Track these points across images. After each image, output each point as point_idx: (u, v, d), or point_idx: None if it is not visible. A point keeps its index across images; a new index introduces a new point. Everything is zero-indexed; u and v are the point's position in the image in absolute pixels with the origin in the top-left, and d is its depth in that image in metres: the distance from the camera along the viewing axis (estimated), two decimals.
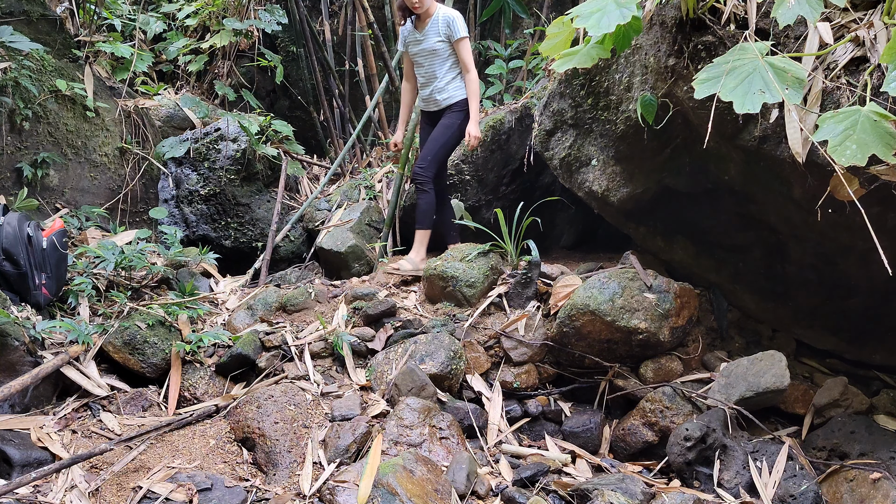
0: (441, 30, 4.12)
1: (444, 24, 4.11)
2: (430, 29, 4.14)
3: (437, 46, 4.14)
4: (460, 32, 4.12)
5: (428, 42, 4.16)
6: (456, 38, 4.12)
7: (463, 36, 4.13)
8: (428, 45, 4.16)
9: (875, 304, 3.47)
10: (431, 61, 4.19)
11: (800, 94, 2.24)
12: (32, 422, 2.99)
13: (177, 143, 5.12)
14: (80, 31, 5.22)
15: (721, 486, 2.96)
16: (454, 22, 4.11)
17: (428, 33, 4.15)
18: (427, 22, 4.15)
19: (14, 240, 3.35)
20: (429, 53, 4.17)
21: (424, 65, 4.23)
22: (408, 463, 2.69)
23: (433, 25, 4.13)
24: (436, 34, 4.13)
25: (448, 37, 4.13)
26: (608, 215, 4.05)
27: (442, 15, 4.12)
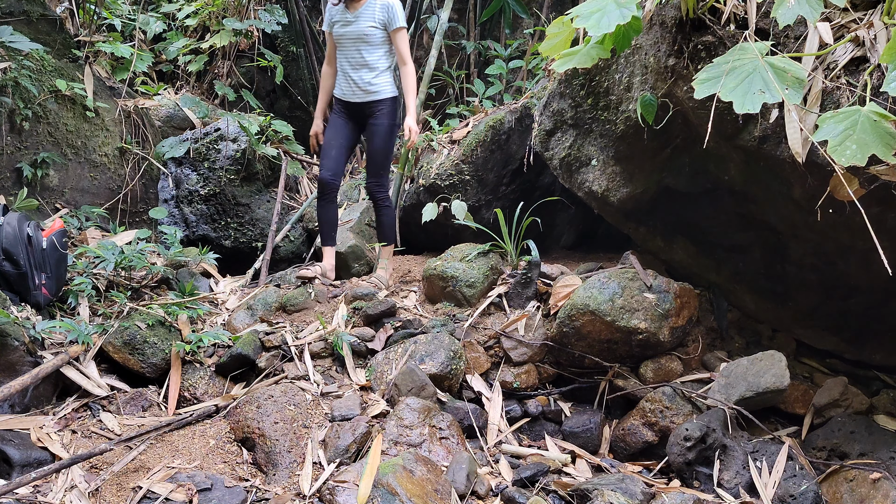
0: (377, 15, 3.85)
1: (382, 9, 3.85)
2: (363, 11, 3.86)
3: (368, 31, 3.86)
4: (399, 21, 3.87)
5: (359, 25, 3.87)
6: (395, 26, 3.87)
7: (402, 25, 3.89)
8: (359, 28, 3.87)
9: (875, 304, 3.47)
10: (359, 47, 3.91)
11: (800, 94, 2.24)
12: (32, 422, 2.99)
13: (177, 143, 5.12)
14: (80, 31, 5.22)
15: (721, 486, 2.96)
16: (393, 8, 3.86)
17: (360, 16, 3.87)
18: (361, 3, 3.87)
19: (14, 240, 3.35)
20: (357, 38, 3.89)
21: (351, 49, 3.93)
22: (408, 463, 2.69)
23: (368, 8, 3.86)
24: (370, 18, 3.86)
25: (384, 24, 3.87)
26: (608, 215, 4.05)
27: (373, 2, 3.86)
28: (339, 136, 4.00)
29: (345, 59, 3.96)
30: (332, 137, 4.01)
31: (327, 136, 4.01)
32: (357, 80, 3.94)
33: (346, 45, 3.93)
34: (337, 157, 3.96)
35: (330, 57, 4.11)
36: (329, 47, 4.10)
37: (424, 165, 4.84)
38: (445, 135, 5.00)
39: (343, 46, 3.95)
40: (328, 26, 4.02)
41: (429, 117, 5.60)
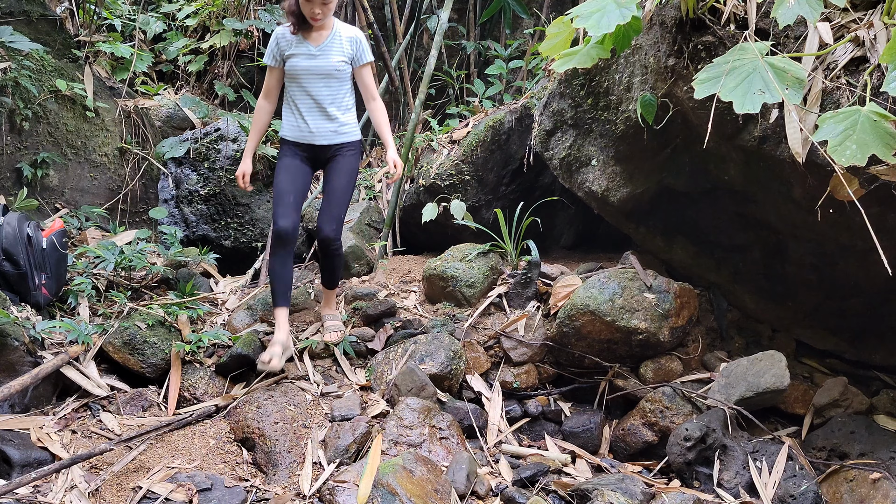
0: (346, 48, 3.47)
1: (351, 42, 3.48)
2: (329, 45, 3.44)
3: (339, 67, 3.44)
4: (368, 55, 3.54)
5: (327, 59, 3.42)
6: (364, 61, 3.52)
7: (371, 60, 3.58)
8: (327, 62, 3.42)
9: (875, 304, 3.47)
10: (328, 83, 3.46)
11: (800, 94, 2.24)
12: (32, 422, 2.99)
13: (177, 143, 5.12)
14: (80, 31, 5.22)
15: (721, 486, 2.97)
16: (361, 42, 3.52)
17: (327, 50, 3.43)
18: (324, 36, 3.45)
19: (14, 240, 3.35)
20: (326, 74, 3.44)
21: (317, 86, 3.46)
22: (408, 463, 2.69)
23: (334, 42, 3.45)
24: (339, 53, 3.44)
25: (352, 58, 3.50)
26: (608, 215, 4.05)
27: (346, 33, 3.49)
28: (296, 180, 3.49)
29: (306, 97, 3.48)
30: (288, 182, 3.46)
31: (282, 181, 3.46)
32: (323, 121, 3.50)
33: (310, 81, 3.46)
34: (295, 204, 3.43)
35: (270, 92, 3.58)
36: (272, 82, 3.56)
37: (424, 165, 4.84)
38: (445, 135, 5.00)
39: (304, 83, 3.46)
40: (277, 59, 3.49)
41: (429, 117, 5.60)
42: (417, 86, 5.40)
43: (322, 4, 3.27)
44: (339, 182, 3.53)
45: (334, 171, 3.55)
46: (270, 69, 3.53)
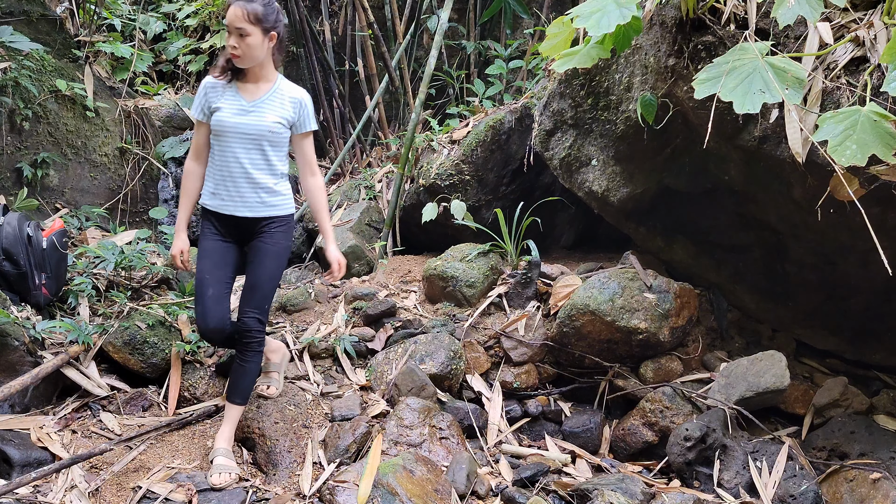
0: (286, 111, 2.90)
1: (294, 105, 2.92)
2: (267, 101, 2.87)
3: (274, 129, 2.86)
4: (313, 123, 2.99)
5: (262, 117, 2.84)
6: (307, 129, 2.97)
7: (315, 128, 3.02)
8: (262, 121, 2.84)
9: (875, 304, 3.47)
10: (261, 146, 2.87)
11: (800, 94, 2.24)
12: (32, 422, 2.99)
13: (177, 143, 5.12)
14: (80, 31, 5.22)
15: (721, 486, 2.96)
16: (306, 107, 2.95)
17: (263, 106, 2.86)
18: (262, 89, 2.88)
19: (14, 240, 3.35)
20: (259, 134, 2.84)
21: (247, 147, 2.86)
22: (408, 463, 2.69)
23: (275, 98, 2.89)
24: (277, 113, 2.87)
25: (291, 123, 2.93)
26: (608, 215, 4.05)
27: (290, 92, 2.93)
28: (218, 268, 2.91)
29: (232, 160, 2.86)
30: (208, 271, 2.89)
31: (201, 270, 2.90)
32: (251, 189, 2.89)
33: (240, 141, 2.85)
34: (220, 296, 2.88)
35: (200, 151, 2.97)
36: (201, 139, 2.95)
37: (424, 165, 4.84)
38: (445, 135, 5.00)
39: (233, 142, 2.85)
40: (204, 112, 2.90)
41: (429, 117, 5.60)
42: (417, 86, 5.39)
43: (238, 37, 2.71)
44: (265, 271, 2.92)
45: (260, 255, 2.93)
46: (199, 124, 2.94)
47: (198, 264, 2.93)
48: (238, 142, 2.85)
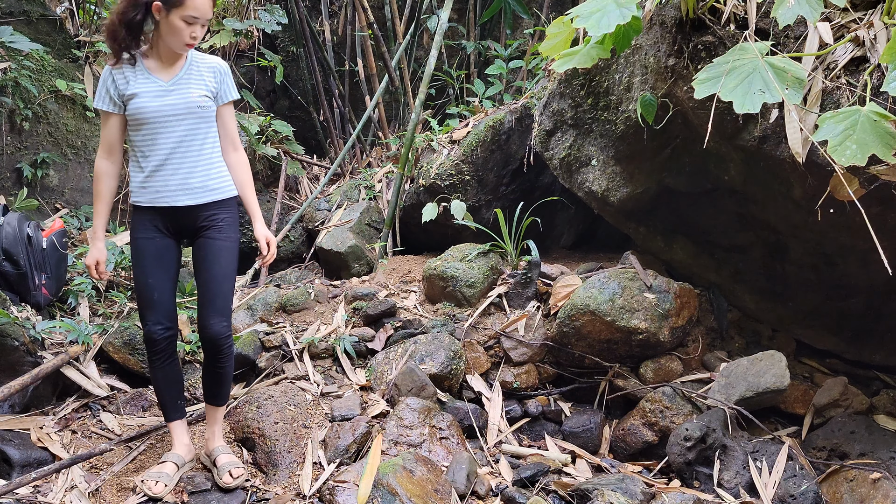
0: (208, 81, 2.69)
1: (214, 74, 2.71)
2: (186, 77, 2.65)
3: (201, 103, 2.65)
4: (234, 92, 2.81)
5: (187, 95, 2.62)
6: (229, 98, 2.77)
7: (237, 97, 2.83)
8: (187, 98, 2.62)
9: (875, 304, 3.47)
10: (191, 125, 2.65)
11: (800, 94, 2.24)
12: (32, 422, 2.99)
13: None
14: (80, 31, 5.22)
15: (721, 486, 2.96)
16: (227, 75, 2.77)
17: (183, 83, 2.63)
18: (178, 66, 2.65)
19: (14, 240, 3.35)
20: (185, 112, 2.62)
21: (174, 129, 2.62)
22: (408, 463, 2.69)
23: (192, 72, 2.66)
24: (200, 85, 2.66)
25: (215, 94, 2.72)
26: (608, 215, 4.05)
27: (205, 61, 2.72)
28: (159, 269, 2.68)
29: (159, 148, 2.61)
30: (149, 274, 2.66)
31: (141, 274, 2.67)
32: (188, 173, 2.65)
33: (165, 124, 2.60)
34: (166, 300, 2.68)
35: (112, 148, 2.65)
36: (111, 133, 2.64)
37: (424, 165, 4.84)
38: (445, 135, 5.00)
39: (157, 128, 2.60)
40: (114, 102, 2.60)
41: (429, 117, 5.60)
42: (417, 86, 5.40)
43: (202, 27, 2.54)
44: (221, 270, 2.70)
45: (213, 253, 2.70)
46: (106, 116, 2.61)
47: (135, 268, 2.68)
48: (165, 125, 2.60)
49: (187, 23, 2.50)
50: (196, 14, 2.50)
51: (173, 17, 2.49)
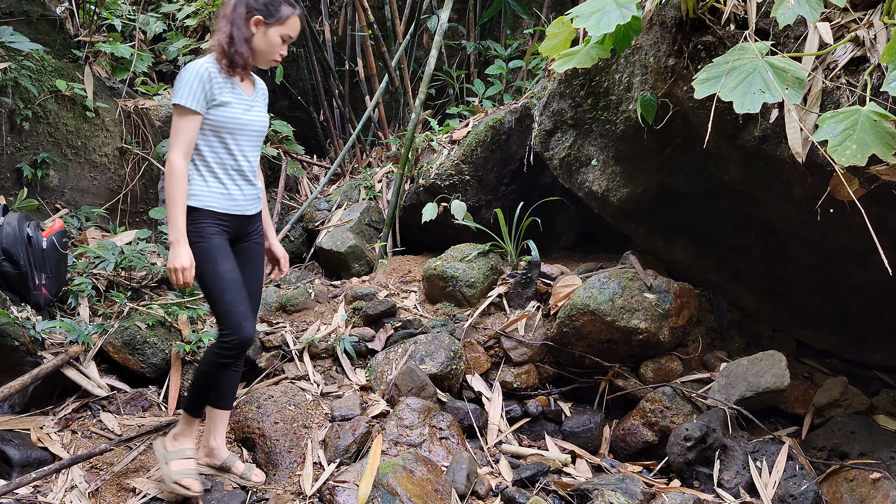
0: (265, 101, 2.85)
1: (265, 96, 2.85)
2: (258, 94, 2.79)
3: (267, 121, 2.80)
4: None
5: (262, 113, 2.76)
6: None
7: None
8: (262, 119, 2.74)
9: (875, 304, 3.47)
10: (260, 142, 2.77)
11: (800, 94, 2.24)
12: (32, 422, 2.99)
13: None
14: (80, 31, 5.22)
15: (721, 486, 2.96)
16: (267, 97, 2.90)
17: (258, 99, 2.77)
18: (254, 84, 2.78)
19: (14, 240, 3.35)
20: (259, 132, 2.73)
21: (253, 143, 2.72)
22: (408, 463, 2.68)
23: (260, 92, 2.80)
24: (265, 104, 2.83)
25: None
26: (608, 215, 4.05)
27: (261, 84, 2.84)
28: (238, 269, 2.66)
29: (241, 157, 2.67)
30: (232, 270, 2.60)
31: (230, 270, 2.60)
32: (251, 185, 2.73)
33: (248, 136, 2.68)
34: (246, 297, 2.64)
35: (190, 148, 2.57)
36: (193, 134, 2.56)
37: (424, 165, 4.84)
38: (445, 135, 5.00)
39: (241, 138, 2.66)
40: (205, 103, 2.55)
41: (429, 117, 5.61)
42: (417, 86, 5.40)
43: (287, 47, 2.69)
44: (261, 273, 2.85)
45: (257, 260, 2.83)
46: (192, 116, 2.53)
47: (220, 265, 2.57)
48: (247, 138, 2.67)
49: (283, 40, 2.63)
50: (291, 34, 2.64)
51: (272, 33, 2.59)
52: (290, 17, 2.60)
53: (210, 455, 2.81)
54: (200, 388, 2.67)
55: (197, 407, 2.72)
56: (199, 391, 2.68)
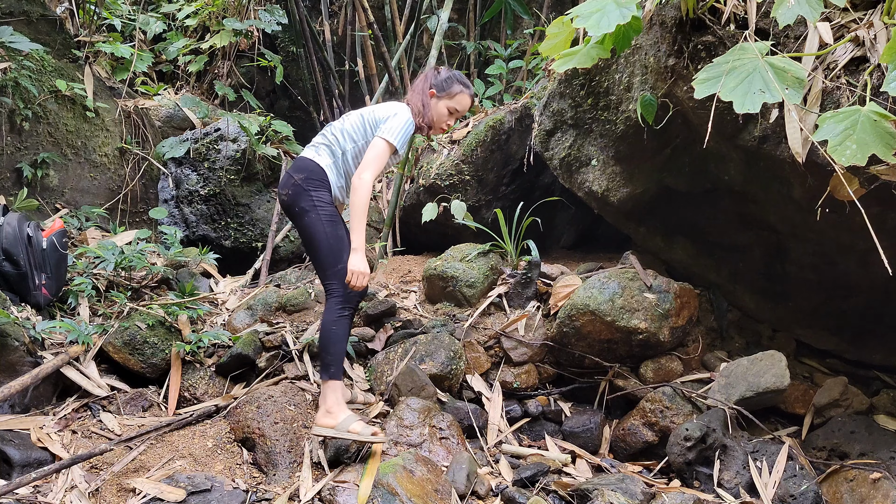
0: None
1: None
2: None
3: None
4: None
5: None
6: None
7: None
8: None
9: (875, 304, 3.47)
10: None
11: (800, 94, 2.24)
12: (32, 422, 2.99)
13: (177, 144, 5.12)
14: (80, 31, 5.22)
15: (721, 486, 2.96)
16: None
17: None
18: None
19: (14, 240, 3.35)
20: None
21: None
22: (408, 463, 2.68)
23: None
24: None
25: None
26: (608, 215, 4.05)
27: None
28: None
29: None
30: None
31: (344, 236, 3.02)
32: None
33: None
34: None
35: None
36: (386, 164, 3.12)
37: (424, 165, 4.84)
38: (445, 135, 5.00)
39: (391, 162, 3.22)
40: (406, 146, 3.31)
41: None
42: None
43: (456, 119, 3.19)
44: None
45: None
46: (393, 153, 3.03)
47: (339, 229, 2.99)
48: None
49: (449, 112, 3.12)
50: (458, 108, 3.13)
51: (441, 105, 3.12)
52: (459, 94, 3.11)
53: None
54: (339, 348, 2.95)
55: (340, 368, 2.95)
56: (339, 351, 2.95)
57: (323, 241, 2.94)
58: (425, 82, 3.16)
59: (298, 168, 3.04)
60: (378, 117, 3.08)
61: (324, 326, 2.96)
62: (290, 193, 2.99)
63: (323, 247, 2.95)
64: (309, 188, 2.97)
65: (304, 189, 2.97)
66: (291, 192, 2.99)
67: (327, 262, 2.96)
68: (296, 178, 3.00)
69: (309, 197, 2.96)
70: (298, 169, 3.04)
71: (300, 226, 3.02)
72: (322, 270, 3.01)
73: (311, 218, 2.95)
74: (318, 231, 2.95)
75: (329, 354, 2.93)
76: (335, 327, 2.94)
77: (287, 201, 3.02)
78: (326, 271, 2.97)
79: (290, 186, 3.00)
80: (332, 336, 2.94)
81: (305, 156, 3.10)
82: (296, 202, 2.98)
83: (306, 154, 3.10)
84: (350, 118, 3.14)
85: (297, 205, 2.98)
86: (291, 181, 3.01)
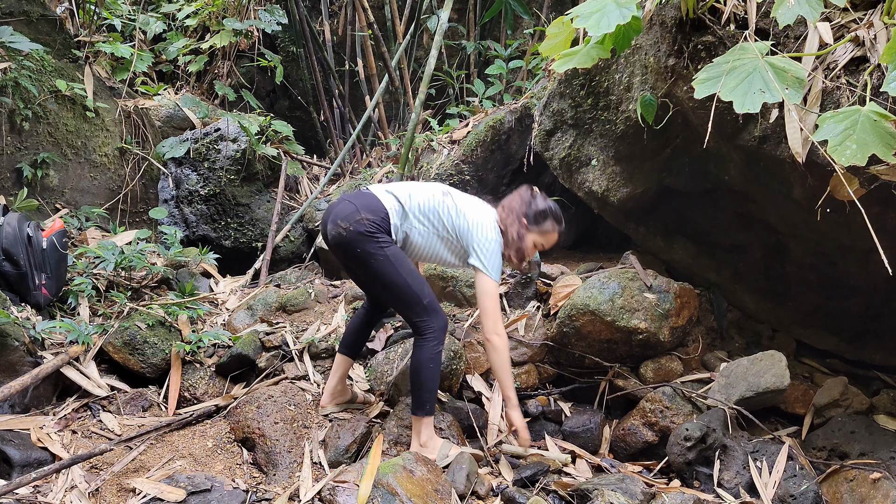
0: None
1: None
2: None
3: None
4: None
5: None
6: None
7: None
8: None
9: (875, 304, 3.47)
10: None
11: (800, 93, 2.24)
12: (32, 422, 2.99)
13: (177, 144, 5.12)
14: (80, 31, 5.22)
15: (721, 486, 2.96)
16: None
17: None
18: None
19: (14, 240, 3.35)
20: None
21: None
22: (408, 463, 2.68)
23: None
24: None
25: None
26: (608, 215, 4.05)
27: None
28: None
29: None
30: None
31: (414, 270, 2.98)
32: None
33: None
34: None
35: None
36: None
37: (424, 165, 4.84)
38: (445, 135, 5.00)
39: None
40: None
41: (429, 117, 5.60)
42: (417, 86, 5.40)
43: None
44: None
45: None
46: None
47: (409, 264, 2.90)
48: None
49: (535, 246, 3.03)
50: (545, 244, 3.05)
51: (529, 238, 2.99)
52: (550, 234, 3.02)
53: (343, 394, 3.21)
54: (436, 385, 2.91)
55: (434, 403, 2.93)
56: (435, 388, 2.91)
57: (402, 281, 2.81)
58: (521, 206, 3.02)
59: (368, 207, 2.86)
60: (468, 226, 2.92)
61: (421, 364, 2.84)
62: (352, 231, 2.80)
63: (404, 287, 2.82)
64: (373, 231, 2.81)
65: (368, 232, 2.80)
66: (353, 230, 2.80)
67: (413, 299, 2.84)
68: (362, 216, 2.81)
69: (374, 241, 2.80)
70: (368, 209, 2.85)
71: (365, 270, 2.89)
72: (409, 308, 2.87)
73: (380, 262, 2.81)
74: (392, 273, 2.81)
75: (427, 392, 2.86)
76: (433, 365, 2.85)
77: (346, 237, 2.81)
78: (415, 308, 2.84)
79: (353, 222, 2.81)
80: (430, 374, 2.85)
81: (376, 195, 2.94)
82: (358, 243, 2.80)
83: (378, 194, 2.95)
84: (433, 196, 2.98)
85: (360, 247, 2.80)
86: (356, 217, 2.81)
